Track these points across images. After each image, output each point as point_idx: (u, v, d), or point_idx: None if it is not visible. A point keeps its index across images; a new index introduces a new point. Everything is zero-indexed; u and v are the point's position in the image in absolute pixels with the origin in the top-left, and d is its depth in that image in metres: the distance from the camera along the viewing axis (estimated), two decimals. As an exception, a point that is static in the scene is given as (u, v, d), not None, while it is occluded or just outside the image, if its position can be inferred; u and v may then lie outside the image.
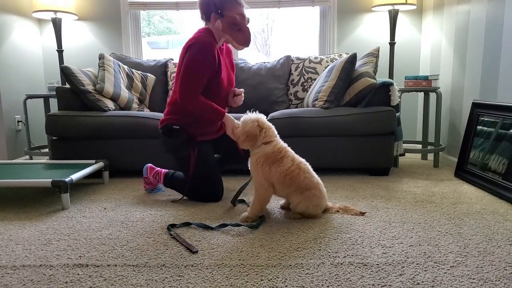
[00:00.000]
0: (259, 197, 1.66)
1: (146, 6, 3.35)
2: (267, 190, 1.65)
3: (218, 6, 1.80)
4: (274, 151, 1.65)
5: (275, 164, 1.63)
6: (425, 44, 3.27)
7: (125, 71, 2.86)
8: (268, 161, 1.63)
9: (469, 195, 2.02)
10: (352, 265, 1.25)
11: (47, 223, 1.69)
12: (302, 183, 1.65)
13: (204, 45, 1.77)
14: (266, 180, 1.64)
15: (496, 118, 2.18)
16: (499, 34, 2.23)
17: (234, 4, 1.80)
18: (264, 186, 1.64)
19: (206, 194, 1.95)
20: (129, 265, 1.28)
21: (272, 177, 1.64)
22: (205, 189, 1.95)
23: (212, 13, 1.82)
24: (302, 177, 1.65)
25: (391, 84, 2.46)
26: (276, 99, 2.93)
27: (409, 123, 3.44)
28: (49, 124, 2.48)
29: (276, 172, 1.63)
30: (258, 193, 1.66)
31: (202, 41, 1.78)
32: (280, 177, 1.63)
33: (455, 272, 1.20)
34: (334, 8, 3.28)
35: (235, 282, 1.16)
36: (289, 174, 1.63)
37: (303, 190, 1.65)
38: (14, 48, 3.08)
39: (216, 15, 1.81)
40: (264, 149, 1.65)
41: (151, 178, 2.11)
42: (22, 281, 1.19)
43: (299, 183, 1.65)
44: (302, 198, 1.64)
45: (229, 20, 1.80)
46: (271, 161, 1.63)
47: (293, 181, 1.64)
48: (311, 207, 1.66)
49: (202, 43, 1.77)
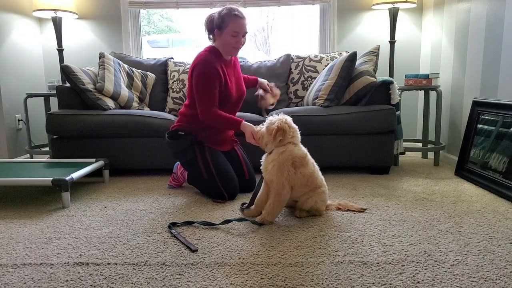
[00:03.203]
0: (279, 199, 1.63)
1: (146, 5, 3.35)
2: (289, 191, 1.64)
3: (218, 23, 1.93)
4: (300, 155, 1.65)
5: (301, 168, 1.64)
6: (425, 42, 3.26)
7: (125, 70, 2.86)
8: (296, 164, 1.64)
9: (469, 194, 2.02)
10: (352, 263, 1.26)
11: (48, 221, 1.70)
12: (318, 183, 1.70)
13: (206, 63, 1.92)
14: (288, 181, 1.63)
15: (497, 116, 2.18)
16: (500, 32, 2.22)
17: (232, 21, 1.90)
18: (286, 187, 1.63)
19: (219, 193, 1.95)
20: (129, 263, 1.28)
21: (296, 180, 1.64)
22: (218, 188, 1.95)
23: (215, 30, 1.96)
24: (319, 177, 1.71)
25: (391, 82, 2.46)
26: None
27: (409, 122, 3.44)
28: (49, 123, 2.48)
29: (301, 175, 1.64)
30: (279, 195, 1.62)
31: (203, 60, 1.93)
32: (304, 180, 1.65)
33: (455, 270, 1.20)
34: (334, 6, 3.27)
35: (235, 281, 1.16)
36: (311, 176, 1.67)
37: (315, 188, 1.69)
38: (15, 47, 3.08)
39: (217, 31, 1.96)
40: (293, 149, 1.65)
41: (179, 173, 2.18)
42: (22, 279, 1.19)
43: (316, 183, 1.69)
44: (312, 195, 1.68)
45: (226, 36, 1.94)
46: (298, 165, 1.64)
47: (313, 182, 1.68)
48: (319, 202, 1.69)
49: (203, 62, 1.92)
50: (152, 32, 3.46)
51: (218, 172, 1.95)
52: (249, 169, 2.13)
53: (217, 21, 1.92)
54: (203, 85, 1.90)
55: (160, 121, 2.47)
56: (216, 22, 1.93)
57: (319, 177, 1.72)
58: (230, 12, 1.91)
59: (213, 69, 1.90)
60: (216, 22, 1.93)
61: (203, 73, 1.89)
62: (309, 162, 1.69)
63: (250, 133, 1.83)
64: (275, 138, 1.64)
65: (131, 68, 2.93)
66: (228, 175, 1.97)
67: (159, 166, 2.51)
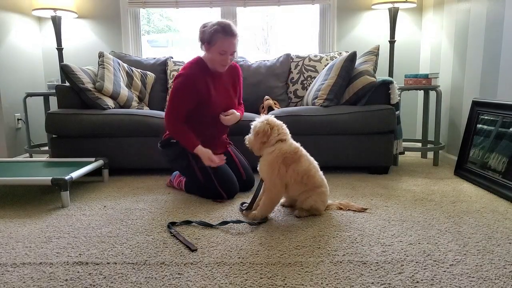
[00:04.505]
0: (271, 197, 1.65)
1: (146, 4, 3.34)
2: (281, 190, 1.65)
3: (207, 38, 1.89)
4: (290, 150, 1.65)
5: (292, 165, 1.63)
6: (425, 42, 3.26)
7: (124, 69, 2.86)
8: (286, 161, 1.63)
9: (468, 194, 2.02)
10: (352, 263, 1.26)
11: (47, 221, 1.70)
12: (316, 182, 1.68)
13: (188, 78, 1.91)
14: (280, 180, 1.63)
15: (496, 116, 2.18)
16: (500, 32, 2.22)
17: (220, 39, 1.86)
18: (277, 186, 1.63)
19: (218, 193, 1.95)
20: (129, 263, 1.28)
21: (288, 177, 1.64)
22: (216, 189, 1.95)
23: (205, 42, 1.92)
24: (317, 176, 1.69)
25: (391, 82, 2.46)
26: (276, 97, 2.92)
27: (409, 122, 3.44)
28: (49, 122, 2.48)
29: (293, 172, 1.63)
30: (271, 193, 1.64)
31: (187, 74, 1.92)
32: (297, 177, 1.64)
33: (455, 270, 1.20)
34: (334, 6, 3.27)
35: (234, 280, 1.16)
36: (306, 173, 1.65)
37: (315, 188, 1.68)
38: (14, 46, 3.08)
39: (207, 45, 1.92)
40: (282, 146, 1.65)
41: (175, 184, 2.19)
42: (22, 278, 1.19)
43: (314, 182, 1.68)
44: (311, 194, 1.67)
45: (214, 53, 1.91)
46: (289, 162, 1.63)
47: (310, 180, 1.67)
48: (319, 202, 1.68)
49: (186, 76, 1.91)
50: (151, 32, 3.46)
51: (213, 172, 1.95)
52: (246, 168, 2.13)
53: (207, 35, 1.89)
54: (176, 98, 1.92)
55: (159, 120, 2.47)
56: (206, 36, 1.90)
57: (318, 176, 1.71)
58: (221, 29, 1.86)
59: (190, 86, 1.90)
60: (206, 36, 1.90)
61: (180, 88, 1.91)
62: (303, 157, 1.67)
63: (207, 159, 1.88)
64: (257, 141, 1.66)
65: (131, 67, 2.93)
66: (224, 174, 1.97)
67: (159, 165, 2.51)
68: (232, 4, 3.31)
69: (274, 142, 1.66)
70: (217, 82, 2.01)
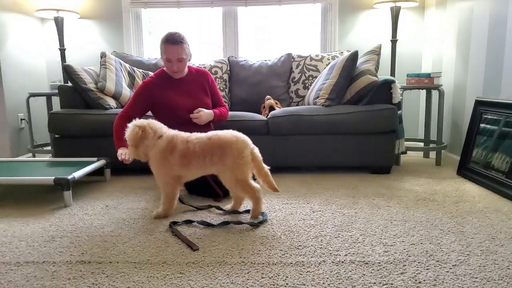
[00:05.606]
0: (168, 195, 1.70)
1: (147, 5, 3.35)
2: (173, 185, 1.70)
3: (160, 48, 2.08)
4: (168, 141, 1.66)
5: (171, 154, 1.65)
6: (427, 41, 3.25)
7: (126, 69, 2.86)
8: (165, 154, 1.64)
9: (471, 194, 2.01)
10: (353, 263, 1.25)
11: (50, 220, 1.70)
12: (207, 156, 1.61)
13: (143, 84, 2.14)
14: (169, 175, 1.67)
15: (499, 115, 2.17)
16: (503, 31, 2.21)
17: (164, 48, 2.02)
18: (169, 182, 1.69)
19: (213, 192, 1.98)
20: (131, 262, 1.28)
21: (173, 167, 1.65)
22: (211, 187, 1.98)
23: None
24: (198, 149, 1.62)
25: (393, 81, 2.45)
26: (277, 97, 2.92)
27: (411, 121, 3.43)
28: (51, 122, 2.48)
29: (173, 159, 1.64)
30: (166, 191, 1.70)
31: (144, 82, 2.16)
32: (178, 161, 1.64)
33: (458, 271, 1.20)
34: (336, 5, 3.26)
35: (235, 280, 1.16)
36: (183, 153, 1.63)
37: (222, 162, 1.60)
38: (17, 47, 3.09)
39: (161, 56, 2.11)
40: (159, 144, 1.67)
41: None
42: (25, 277, 1.20)
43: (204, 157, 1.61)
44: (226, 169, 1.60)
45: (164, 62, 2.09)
46: (168, 153, 1.65)
47: (193, 157, 1.62)
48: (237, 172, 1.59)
49: (143, 83, 2.15)
50: (153, 32, 3.47)
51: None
52: None
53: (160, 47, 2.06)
54: (129, 100, 2.15)
55: (161, 120, 2.47)
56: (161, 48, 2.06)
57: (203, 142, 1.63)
58: (165, 39, 2.00)
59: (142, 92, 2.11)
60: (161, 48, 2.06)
61: (135, 92, 2.14)
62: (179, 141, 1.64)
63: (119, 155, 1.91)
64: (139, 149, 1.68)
65: (133, 67, 2.93)
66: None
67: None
68: (233, 4, 3.31)
69: (155, 141, 1.67)
70: (177, 87, 2.14)
